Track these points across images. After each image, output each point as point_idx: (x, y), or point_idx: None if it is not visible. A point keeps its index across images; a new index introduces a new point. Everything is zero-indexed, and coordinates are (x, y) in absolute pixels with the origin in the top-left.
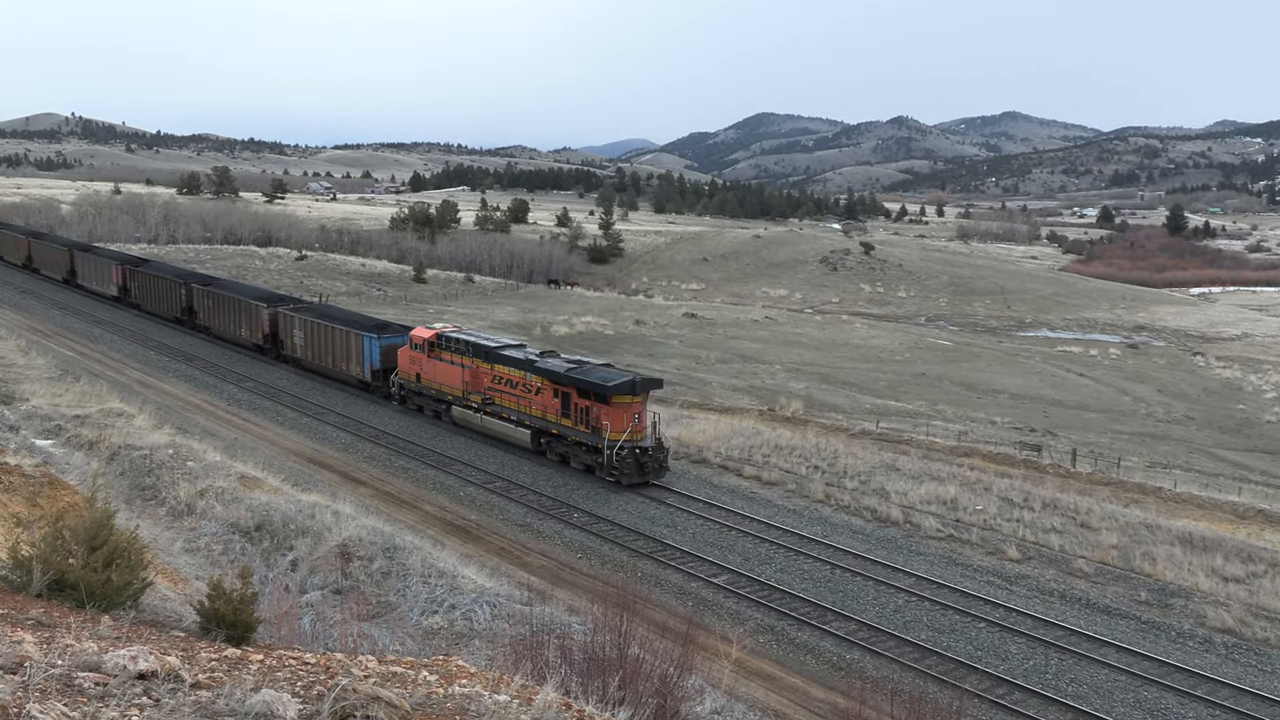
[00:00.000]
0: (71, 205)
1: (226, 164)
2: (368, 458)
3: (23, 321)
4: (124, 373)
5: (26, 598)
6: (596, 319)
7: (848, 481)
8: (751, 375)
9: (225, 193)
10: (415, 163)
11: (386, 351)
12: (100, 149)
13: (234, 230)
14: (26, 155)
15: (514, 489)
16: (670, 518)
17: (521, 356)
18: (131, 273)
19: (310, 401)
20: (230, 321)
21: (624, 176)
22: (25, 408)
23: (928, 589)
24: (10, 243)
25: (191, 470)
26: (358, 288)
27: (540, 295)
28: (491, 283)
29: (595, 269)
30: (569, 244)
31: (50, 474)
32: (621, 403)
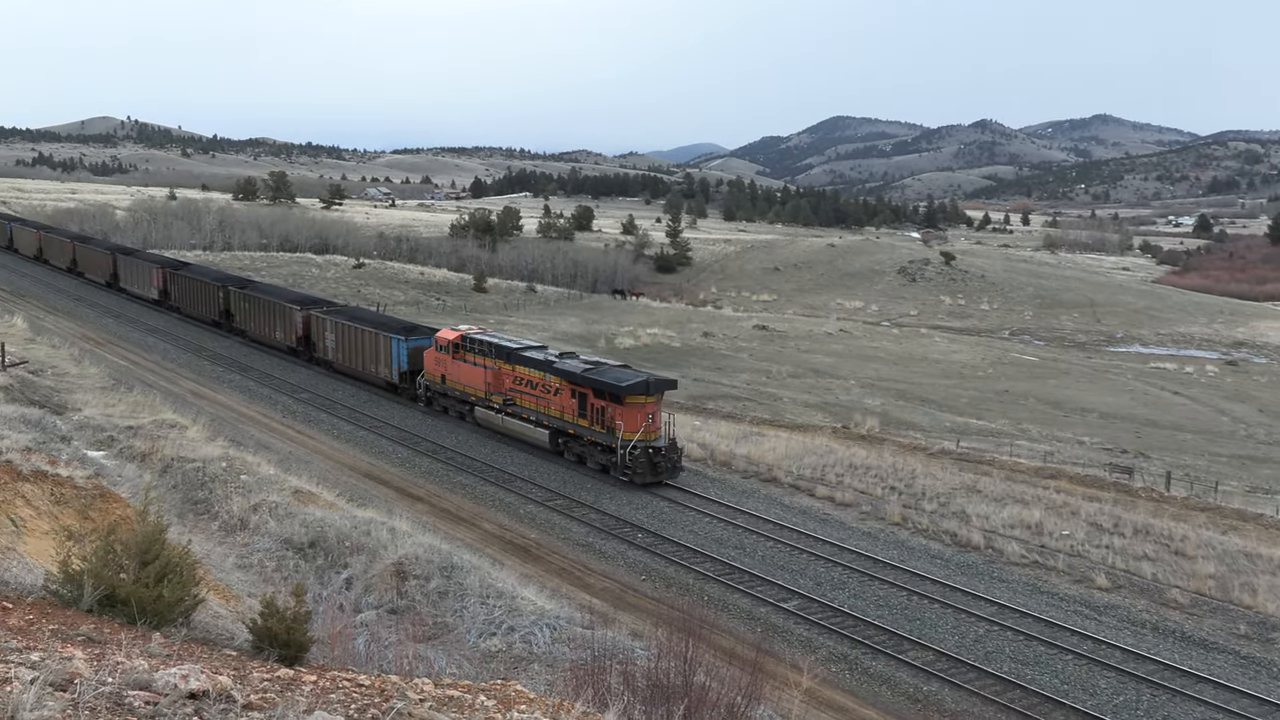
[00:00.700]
0: (126, 211)
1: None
2: (425, 472)
3: (76, 329)
4: (177, 383)
5: (77, 613)
6: (663, 331)
7: (926, 503)
8: (825, 391)
9: (282, 198)
10: (476, 168)
11: (413, 353)
12: (156, 153)
13: (290, 237)
14: (82, 160)
15: (576, 507)
16: (739, 539)
17: (541, 357)
18: (171, 276)
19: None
20: (265, 324)
21: (692, 182)
22: (78, 418)
23: (1010, 618)
24: (56, 247)
25: (245, 484)
26: (416, 297)
27: (605, 306)
28: (554, 292)
29: (662, 279)
30: (635, 252)
31: (102, 486)
32: (636, 403)
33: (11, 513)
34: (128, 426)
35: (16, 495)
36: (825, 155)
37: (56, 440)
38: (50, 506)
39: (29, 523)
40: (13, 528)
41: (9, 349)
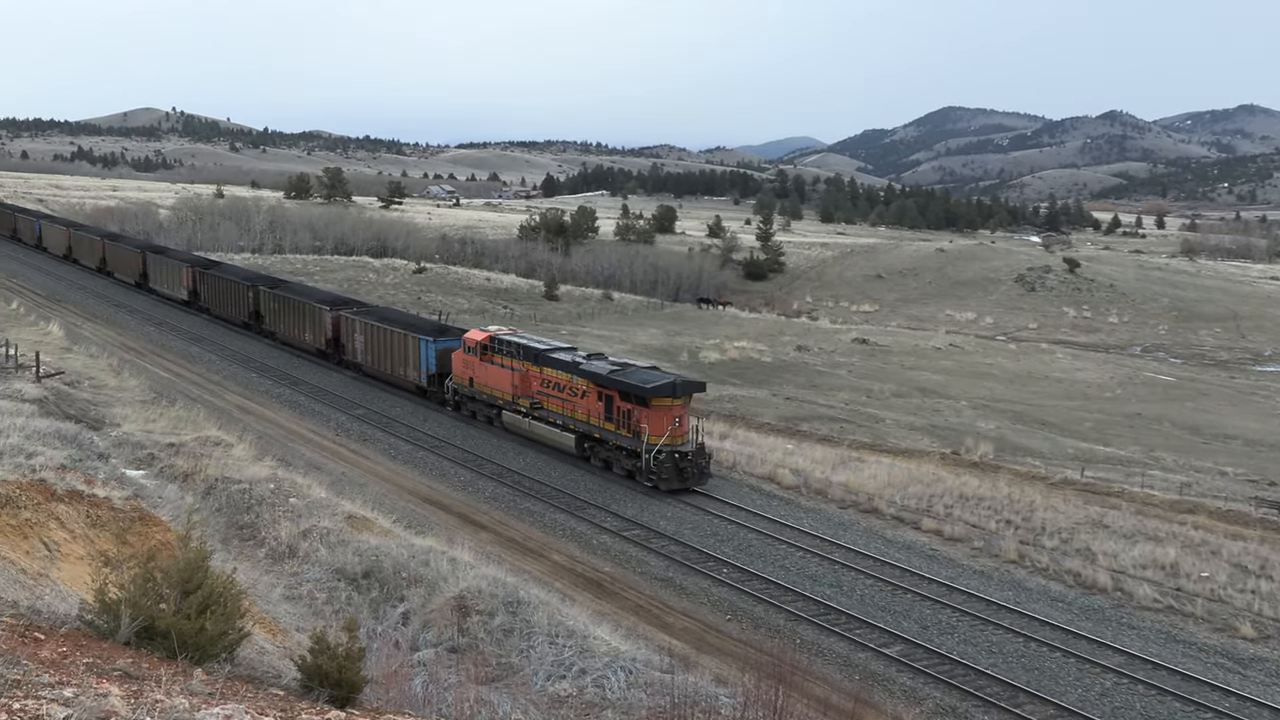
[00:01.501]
0: (170, 210)
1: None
2: (490, 498)
3: (115, 338)
4: (223, 396)
5: (113, 646)
6: (752, 344)
7: (1046, 539)
8: (932, 412)
9: (337, 197)
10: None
11: (442, 355)
12: (202, 148)
13: (346, 239)
14: (123, 154)
15: (654, 538)
16: (835, 576)
17: (568, 359)
18: (201, 275)
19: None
20: (295, 326)
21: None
22: (116, 434)
23: (1142, 670)
24: (86, 245)
25: (294, 508)
26: (482, 305)
27: (688, 316)
28: (632, 301)
29: (751, 286)
30: (722, 257)
31: (141, 508)
32: (662, 405)
33: (45, 536)
34: (169, 444)
35: (50, 517)
36: (934, 150)
37: (93, 458)
38: (86, 529)
39: (63, 547)
40: (46, 552)
41: (44, 358)
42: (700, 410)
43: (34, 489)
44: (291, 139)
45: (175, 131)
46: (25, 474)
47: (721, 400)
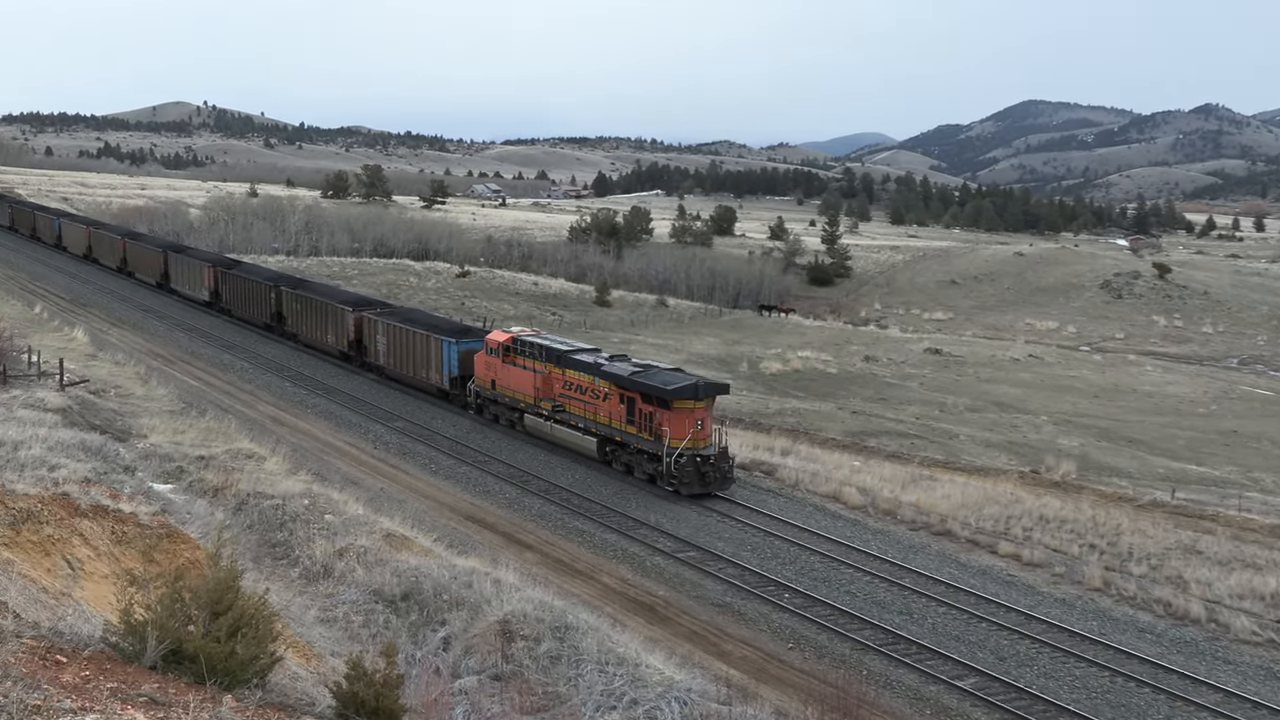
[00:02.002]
0: (201, 209)
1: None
2: (536, 515)
3: (142, 344)
4: (255, 407)
5: (139, 670)
6: (817, 354)
7: (1133, 566)
8: (1010, 428)
9: (377, 196)
10: (600, 161)
11: (464, 357)
12: (235, 144)
13: (385, 240)
14: (152, 151)
15: (711, 560)
16: (904, 603)
17: (590, 360)
18: (223, 276)
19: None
20: (317, 327)
21: (853, 179)
22: (143, 445)
23: (1239, 708)
24: (106, 244)
25: (330, 525)
26: (529, 311)
27: (748, 323)
28: (689, 307)
29: (816, 292)
30: (784, 261)
31: (169, 524)
32: (684, 408)
33: (68, 553)
34: (199, 456)
35: (74, 533)
36: (1013, 147)
37: (119, 471)
38: (111, 546)
39: (87, 565)
40: (69, 570)
41: (68, 366)
42: (761, 424)
43: (57, 503)
44: (329, 135)
45: (207, 127)
46: (48, 487)
47: (783, 414)
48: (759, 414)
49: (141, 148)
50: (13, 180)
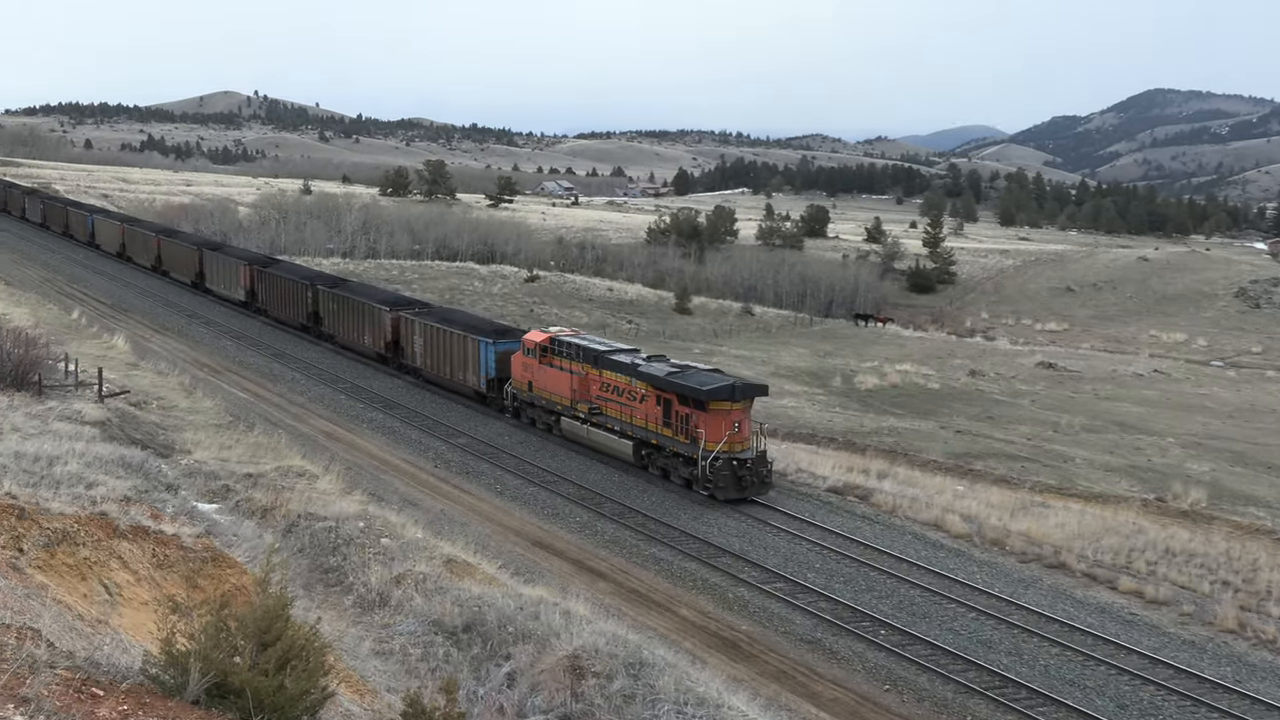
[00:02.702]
0: (251, 208)
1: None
2: (609, 541)
3: (188, 353)
4: (308, 421)
5: (181, 704)
6: (917, 368)
7: (1273, 606)
8: (1132, 450)
9: (439, 194)
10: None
11: (501, 358)
12: (287, 137)
13: (448, 241)
14: (199, 145)
15: (800, 592)
16: (1014, 642)
17: (627, 361)
18: (259, 274)
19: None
20: (354, 328)
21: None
22: (187, 462)
23: None
24: (140, 242)
25: (386, 549)
26: (603, 319)
27: (842, 333)
28: (776, 315)
29: (916, 300)
30: (882, 266)
31: (214, 547)
32: (720, 409)
33: (105, 577)
34: (246, 474)
35: (112, 556)
36: (1137, 141)
37: (161, 489)
38: (151, 571)
39: (125, 590)
40: (106, 596)
41: (108, 375)
42: (855, 445)
43: (94, 524)
44: (388, 128)
45: (257, 119)
46: (84, 507)
47: (880, 433)
48: (853, 433)
49: (187, 141)
50: (50, 175)
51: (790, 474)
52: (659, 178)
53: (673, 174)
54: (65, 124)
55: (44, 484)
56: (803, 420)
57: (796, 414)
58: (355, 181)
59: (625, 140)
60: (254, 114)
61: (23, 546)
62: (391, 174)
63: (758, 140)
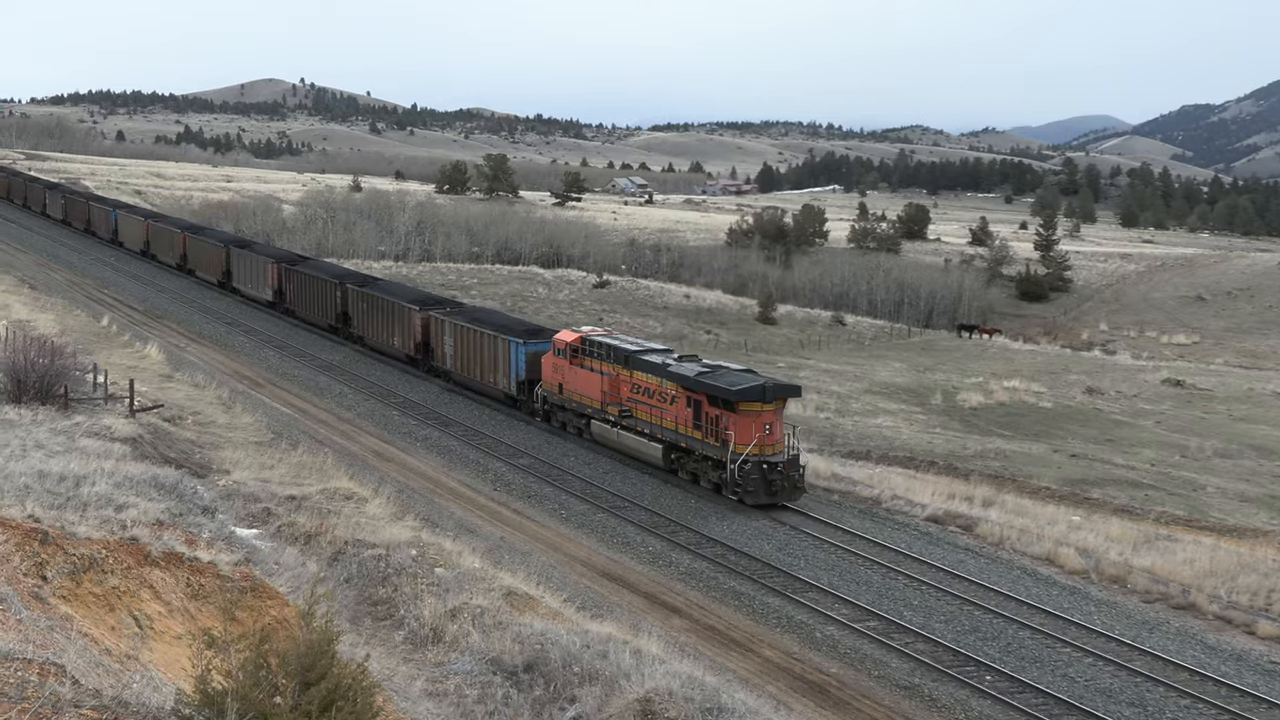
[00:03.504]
0: (296, 206)
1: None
2: (685, 573)
3: (227, 363)
4: (356, 438)
5: None
6: (1027, 384)
7: None
8: (1271, 479)
9: (500, 191)
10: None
11: (532, 360)
12: (336, 129)
13: (510, 243)
14: (240, 137)
15: (895, 631)
16: (1137, 692)
17: (658, 361)
18: (287, 272)
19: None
20: (383, 329)
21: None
22: (225, 483)
23: None
24: (165, 239)
25: (440, 580)
26: (679, 328)
27: (943, 346)
28: (870, 325)
29: (1026, 309)
30: (988, 271)
31: (253, 576)
32: (750, 410)
33: (136, 608)
34: (289, 496)
35: (143, 585)
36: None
37: (196, 512)
38: (185, 601)
39: (157, 622)
40: (136, 629)
41: (140, 388)
42: (957, 469)
43: (124, 550)
44: (445, 118)
45: (303, 109)
46: (113, 531)
47: (985, 457)
48: (955, 456)
49: (227, 133)
50: (78, 170)
51: (885, 501)
52: (741, 174)
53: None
54: (95, 114)
55: (70, 506)
56: (899, 441)
57: (892, 434)
58: (409, 177)
59: (704, 133)
60: (300, 103)
61: (46, 574)
62: (449, 169)
63: (851, 132)
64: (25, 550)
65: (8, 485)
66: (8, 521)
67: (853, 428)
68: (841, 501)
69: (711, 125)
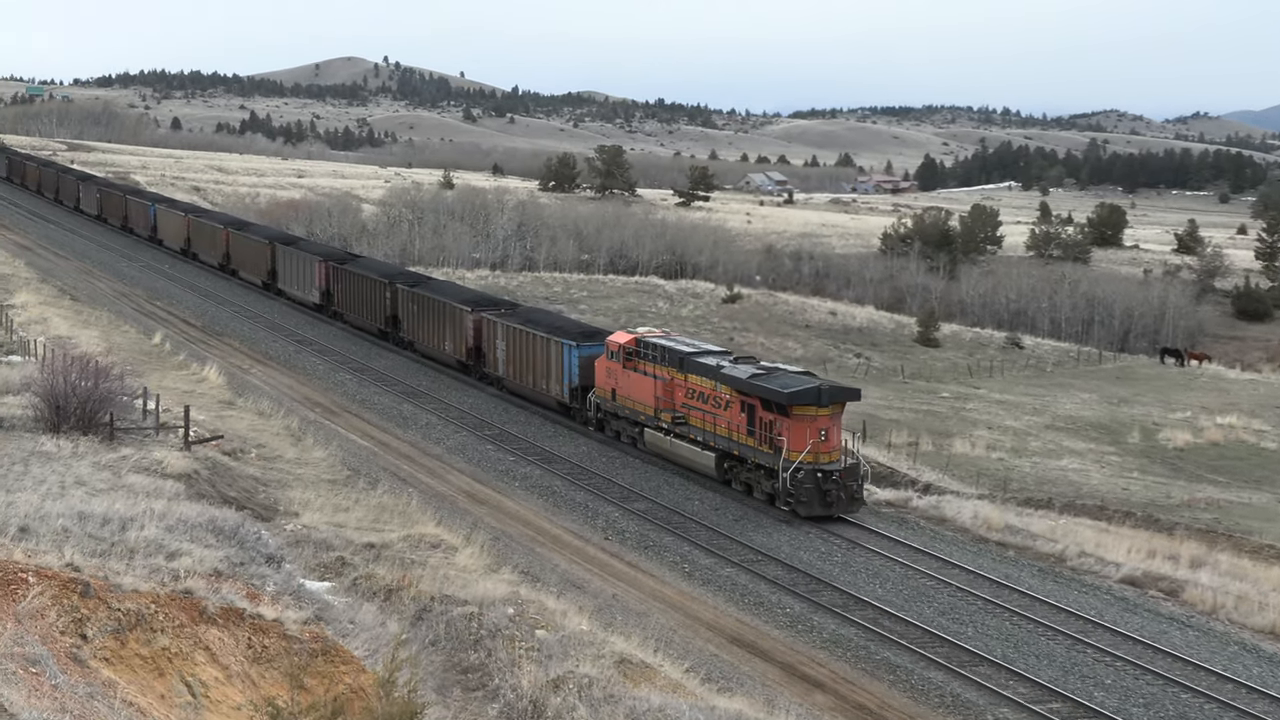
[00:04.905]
0: (378, 206)
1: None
2: (829, 640)
3: (297, 388)
4: (445, 476)
5: None
6: (1246, 421)
7: None
8: None
9: (615, 189)
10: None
11: (585, 364)
12: (425, 116)
13: (626, 250)
14: (313, 125)
15: (1082, 715)
16: None
17: (711, 363)
18: (335, 271)
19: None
20: (434, 332)
21: None
22: (293, 527)
23: None
24: (207, 236)
25: (542, 644)
26: (823, 350)
27: (1141, 373)
28: (1053, 349)
29: (1246, 330)
30: (1198, 284)
31: (324, 637)
32: (805, 415)
33: (189, 672)
34: (367, 544)
35: (197, 646)
36: None
37: (260, 561)
38: (246, 665)
39: (213, 690)
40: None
41: (196, 416)
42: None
43: (175, 604)
44: (551, 104)
45: (387, 92)
46: (164, 583)
47: (1193, 507)
48: (1156, 506)
49: (299, 120)
50: (127, 163)
51: (1070, 559)
52: (898, 168)
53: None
54: (148, 98)
55: (114, 553)
56: (1087, 487)
57: (1079, 479)
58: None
59: (854, 120)
60: (383, 86)
61: (86, 632)
62: (554, 163)
63: (1030, 119)
64: (63, 604)
65: (44, 528)
66: (43, 571)
67: (1031, 470)
68: (1018, 558)
69: (863, 111)
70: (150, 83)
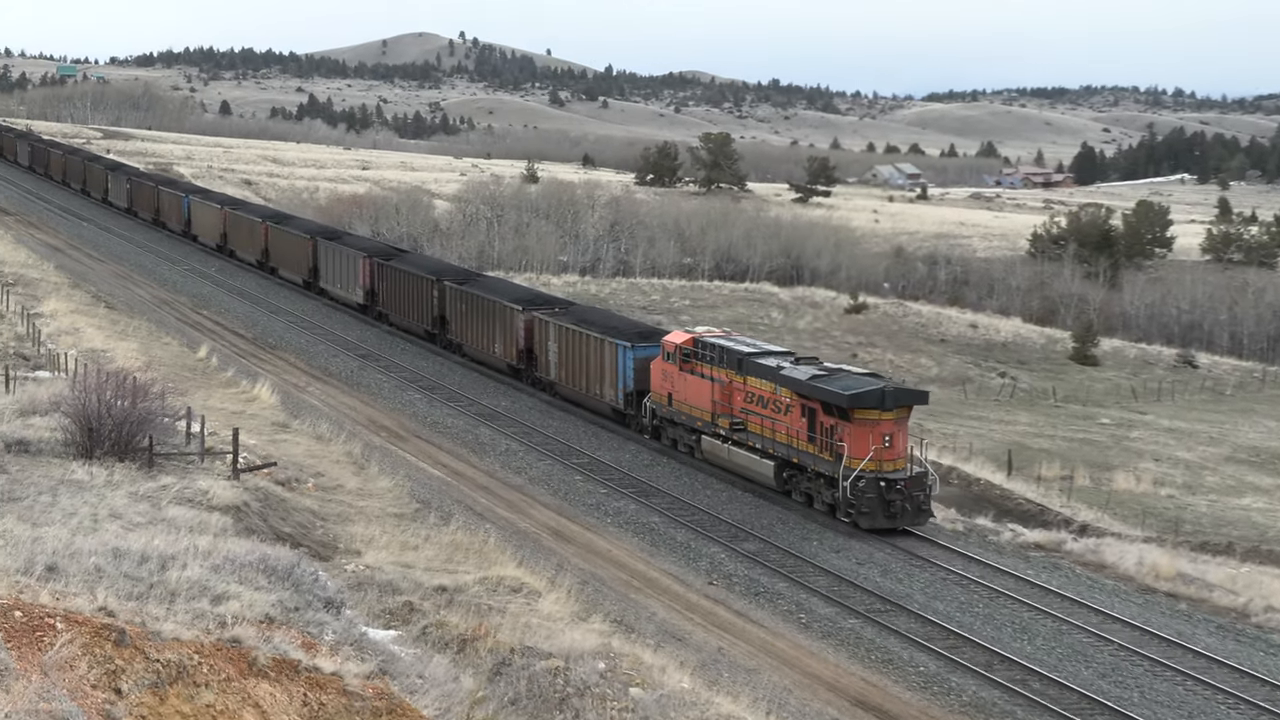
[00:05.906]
0: (451, 201)
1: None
2: (968, 704)
3: (360, 408)
4: (526, 511)
5: None
6: None
7: None
8: None
9: (722, 182)
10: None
11: (641, 367)
12: (506, 100)
13: (734, 253)
14: (380, 110)
15: None
16: None
17: (772, 364)
18: (380, 269)
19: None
20: (483, 334)
21: None
22: (354, 567)
23: None
24: (245, 231)
25: (637, 704)
26: (961, 369)
27: None
28: (1233, 368)
29: None
30: None
31: (390, 693)
32: (867, 419)
33: None
34: (438, 587)
35: (246, 702)
36: None
37: (317, 606)
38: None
39: None
40: None
41: (247, 440)
42: None
43: (222, 655)
44: (649, 85)
45: (463, 73)
46: (209, 630)
47: None
48: None
49: (364, 104)
50: (171, 153)
51: (1255, 614)
52: (1050, 159)
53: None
54: (193, 79)
55: (153, 596)
56: (1274, 530)
57: (1265, 520)
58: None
59: (999, 103)
60: (458, 66)
61: (121, 686)
62: (653, 153)
63: (1207, 101)
64: (95, 654)
65: (74, 567)
66: (73, 616)
67: (1207, 510)
68: (1191, 612)
69: (1010, 93)
70: (196, 62)
